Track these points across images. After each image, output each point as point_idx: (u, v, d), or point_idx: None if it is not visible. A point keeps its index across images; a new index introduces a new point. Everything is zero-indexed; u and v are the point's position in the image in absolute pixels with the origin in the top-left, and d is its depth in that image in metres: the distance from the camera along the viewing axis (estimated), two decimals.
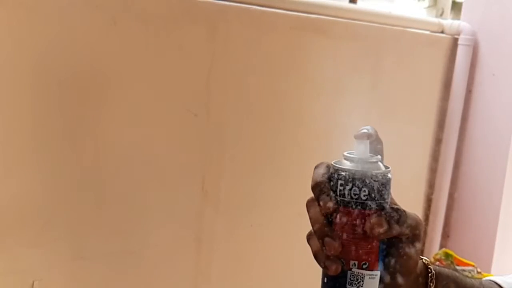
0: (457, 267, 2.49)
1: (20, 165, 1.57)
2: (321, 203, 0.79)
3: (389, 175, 0.80)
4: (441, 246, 2.80)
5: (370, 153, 0.81)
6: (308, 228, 0.85)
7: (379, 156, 0.82)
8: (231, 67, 1.94)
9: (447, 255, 2.61)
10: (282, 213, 2.16)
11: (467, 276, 0.97)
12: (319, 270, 0.86)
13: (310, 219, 0.82)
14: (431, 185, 2.80)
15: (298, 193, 2.14)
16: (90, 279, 1.74)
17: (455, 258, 2.60)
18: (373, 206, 0.78)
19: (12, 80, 1.52)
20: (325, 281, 0.82)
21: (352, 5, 2.38)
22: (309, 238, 0.83)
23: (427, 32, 2.67)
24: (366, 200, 0.78)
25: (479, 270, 2.54)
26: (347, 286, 0.80)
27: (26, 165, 1.58)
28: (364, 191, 0.78)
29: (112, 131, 1.72)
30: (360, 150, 0.80)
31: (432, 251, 2.74)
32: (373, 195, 0.78)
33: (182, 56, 1.82)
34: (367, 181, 0.78)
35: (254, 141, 2.04)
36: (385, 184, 0.79)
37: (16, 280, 1.60)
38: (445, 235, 2.84)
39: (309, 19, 2.12)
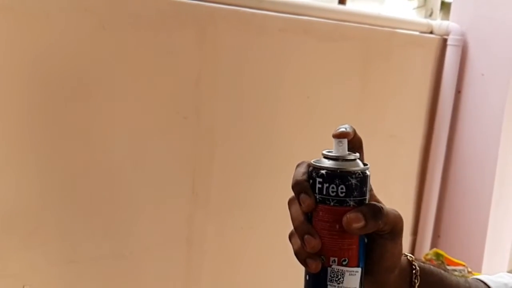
0: (448, 267, 2.49)
1: (10, 168, 1.57)
2: (300, 201, 0.80)
3: (367, 172, 0.81)
4: (432, 246, 2.81)
5: (348, 151, 0.82)
6: None
7: (357, 154, 0.82)
8: (221, 69, 1.94)
9: (438, 255, 2.62)
10: (272, 215, 2.16)
11: (453, 274, 0.97)
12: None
13: (291, 217, 0.83)
14: (422, 185, 2.80)
15: (288, 195, 2.15)
16: (80, 283, 1.74)
17: (446, 258, 2.61)
18: (351, 203, 0.79)
19: (1, 84, 1.52)
20: (307, 278, 0.83)
21: (341, 7, 2.39)
22: (290, 236, 0.84)
23: (416, 33, 2.68)
24: (344, 197, 0.79)
25: (469, 269, 2.55)
26: (328, 283, 0.80)
27: (16, 169, 1.58)
28: (342, 188, 0.79)
29: (102, 134, 1.72)
30: (339, 148, 0.81)
31: (423, 251, 2.75)
32: (351, 192, 0.79)
33: (171, 59, 1.82)
34: (345, 179, 0.79)
35: (244, 143, 2.04)
36: (363, 181, 0.80)
37: (6, 284, 1.60)
38: (436, 235, 2.85)
39: (298, 20, 2.12)
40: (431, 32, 2.72)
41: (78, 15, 1.62)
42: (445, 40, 2.71)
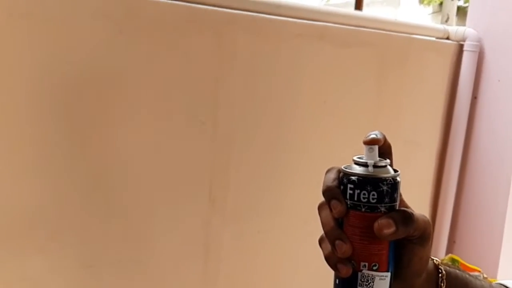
0: None
1: (28, 173, 1.58)
2: (332, 207, 0.82)
3: (398, 179, 0.82)
4: (447, 252, 2.81)
5: (379, 157, 0.83)
6: (315, 233, 0.87)
7: (388, 160, 0.84)
8: (238, 74, 1.94)
9: (453, 261, 2.62)
10: (289, 220, 2.16)
11: (477, 278, 0.98)
12: (325, 276, 0.87)
13: (322, 222, 0.84)
14: (437, 191, 2.80)
15: (304, 200, 2.16)
16: (97, 287, 1.75)
17: (461, 263, 2.60)
18: (382, 209, 0.80)
19: (20, 89, 1.53)
20: (337, 282, 0.85)
21: (357, 12, 2.38)
22: (321, 241, 0.85)
23: (433, 39, 2.67)
24: (375, 203, 0.80)
25: (485, 275, 2.54)
26: (358, 287, 0.82)
27: (33, 173, 1.59)
28: (373, 194, 0.80)
29: (120, 139, 1.72)
30: (369, 154, 0.82)
31: (438, 257, 2.73)
32: (382, 198, 0.80)
33: (189, 64, 1.82)
34: (376, 185, 0.80)
35: (261, 148, 2.05)
36: (394, 187, 0.81)
37: None
38: (451, 240, 2.85)
39: (315, 26, 2.12)
40: (447, 38, 2.71)
41: (96, 20, 1.63)
42: (461, 46, 2.70)
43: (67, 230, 1.66)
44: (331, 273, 0.86)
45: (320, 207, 0.85)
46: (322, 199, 0.85)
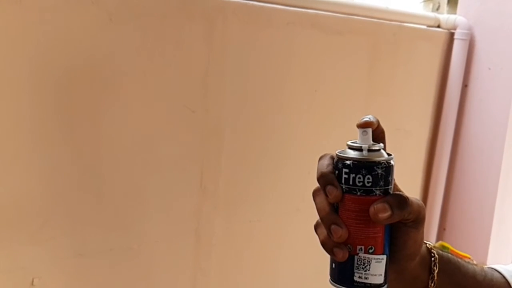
0: None
1: (19, 162, 1.57)
2: (327, 192, 0.82)
3: (392, 162, 0.83)
4: (438, 239, 2.82)
5: (372, 141, 0.83)
6: (307, 221, 0.87)
7: (381, 144, 0.84)
8: (229, 62, 1.94)
9: (444, 248, 2.63)
10: (280, 208, 2.17)
11: (469, 262, 0.99)
12: (318, 263, 0.87)
13: (317, 208, 0.85)
14: (427, 179, 2.81)
15: (296, 188, 2.16)
16: (89, 276, 1.75)
17: (451, 250, 2.61)
18: (377, 192, 0.81)
19: (8, 78, 1.52)
20: (333, 266, 0.85)
21: (349, 0, 2.38)
22: (316, 227, 0.86)
23: (424, 27, 2.67)
24: (370, 186, 0.81)
25: (475, 262, 2.55)
26: (355, 270, 0.82)
27: (25, 162, 1.58)
28: (368, 178, 0.81)
29: (110, 128, 1.72)
30: (363, 138, 0.83)
31: None
32: (377, 182, 0.81)
33: (179, 52, 1.82)
34: (371, 169, 0.81)
35: (252, 136, 2.05)
36: (388, 170, 0.82)
37: (15, 277, 1.60)
38: (442, 228, 2.86)
39: (306, 14, 2.12)
40: (438, 26, 2.71)
41: (85, 7, 1.61)
42: (452, 34, 2.71)
43: (59, 220, 1.66)
44: (325, 259, 0.87)
45: (314, 193, 0.85)
46: (313, 186, 0.86)
